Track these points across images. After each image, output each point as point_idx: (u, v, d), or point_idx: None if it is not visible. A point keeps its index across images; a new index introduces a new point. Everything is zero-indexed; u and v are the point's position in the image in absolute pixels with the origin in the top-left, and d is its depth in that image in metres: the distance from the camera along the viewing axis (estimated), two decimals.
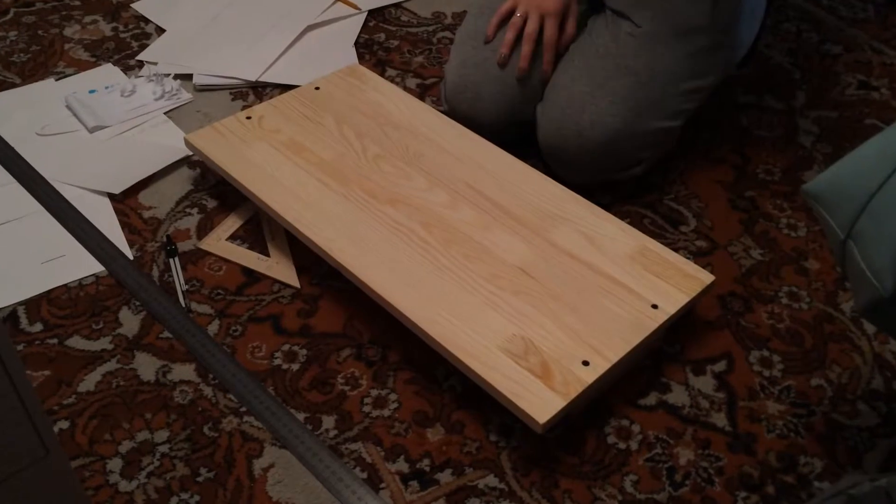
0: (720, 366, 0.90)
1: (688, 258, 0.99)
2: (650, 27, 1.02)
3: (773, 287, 0.98)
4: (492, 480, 0.79)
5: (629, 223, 1.02)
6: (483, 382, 0.80)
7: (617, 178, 1.07)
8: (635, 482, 0.79)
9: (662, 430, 0.84)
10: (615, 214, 1.00)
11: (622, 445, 0.82)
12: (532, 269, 0.90)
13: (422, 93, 1.27)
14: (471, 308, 0.86)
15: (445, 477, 0.79)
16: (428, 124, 1.09)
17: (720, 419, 0.85)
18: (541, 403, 0.77)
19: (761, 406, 0.86)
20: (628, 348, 0.82)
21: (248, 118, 1.10)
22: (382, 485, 0.79)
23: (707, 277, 0.89)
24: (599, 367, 0.81)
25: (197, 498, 0.77)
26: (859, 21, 1.46)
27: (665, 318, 0.85)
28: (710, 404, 0.86)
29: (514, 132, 1.12)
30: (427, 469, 0.80)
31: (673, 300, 0.87)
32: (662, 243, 0.95)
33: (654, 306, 0.86)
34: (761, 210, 1.09)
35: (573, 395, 0.78)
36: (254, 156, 1.04)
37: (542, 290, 0.88)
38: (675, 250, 0.99)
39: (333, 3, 1.45)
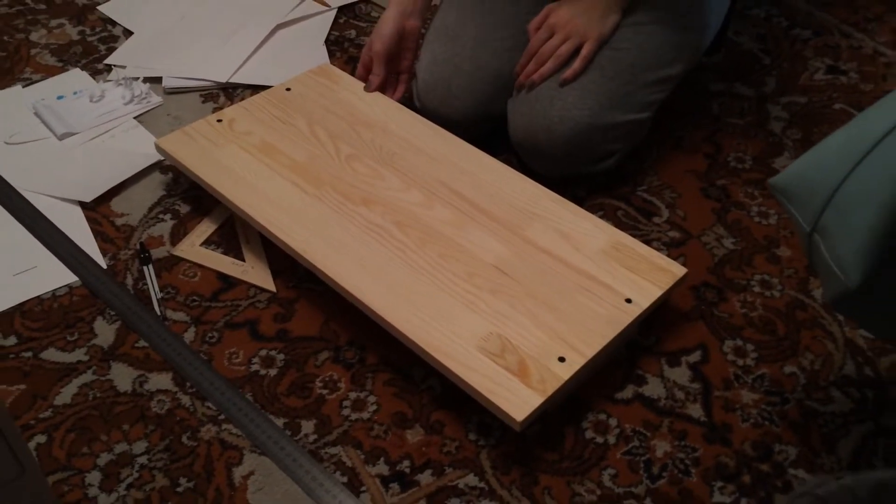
0: (695, 356, 0.91)
1: (661, 250, 1.00)
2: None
3: (745, 276, 0.99)
4: (472, 480, 0.80)
5: (603, 216, 1.03)
6: (461, 382, 0.81)
7: (589, 171, 1.07)
8: (613, 476, 0.80)
9: (639, 423, 0.84)
10: (589, 207, 1.00)
11: (600, 440, 0.83)
12: (508, 268, 0.90)
13: None
14: (447, 308, 0.86)
15: (426, 478, 0.80)
16: (400, 123, 1.09)
17: (696, 410, 0.86)
18: (518, 401, 0.78)
19: (736, 395, 0.87)
20: (603, 343, 0.83)
21: (219, 121, 1.09)
22: (363, 488, 0.79)
23: (679, 270, 0.90)
24: (575, 363, 0.81)
25: None
26: (828, 4, 1.47)
27: (639, 311, 0.86)
28: (685, 395, 0.87)
29: (487, 127, 1.12)
30: (407, 471, 0.80)
31: (646, 294, 0.88)
32: (636, 235, 0.96)
33: (628, 300, 0.87)
34: (733, 198, 1.09)
35: (550, 391, 0.79)
36: (225, 159, 1.03)
37: (518, 288, 0.88)
38: (649, 242, 1.00)
39: (303, 1, 1.44)
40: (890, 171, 0.61)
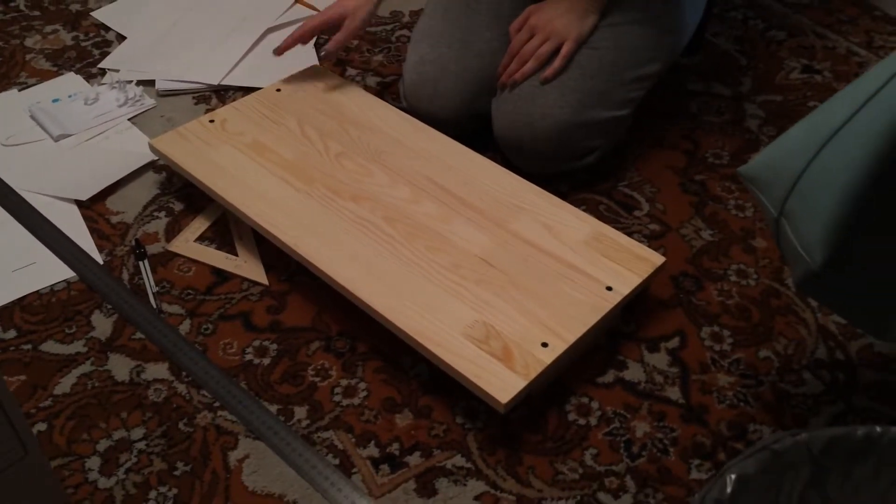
0: (673, 342, 0.94)
1: (641, 241, 1.04)
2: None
3: (722, 266, 1.03)
4: (459, 460, 0.83)
5: (585, 210, 1.06)
6: (447, 367, 0.84)
7: (572, 168, 1.11)
8: (595, 455, 0.83)
9: (620, 406, 0.88)
10: (572, 202, 1.04)
11: (582, 422, 0.86)
12: (493, 259, 0.93)
13: (382, 91, 1.30)
14: (434, 297, 0.89)
15: (415, 459, 0.83)
16: (388, 122, 1.12)
17: (674, 393, 0.89)
18: (502, 385, 0.81)
19: (712, 378, 0.90)
20: (584, 329, 0.86)
21: (212, 121, 1.12)
22: (354, 469, 0.82)
23: (658, 259, 0.93)
24: (557, 348, 0.84)
25: (175, 491, 0.80)
26: (803, 7, 1.52)
27: (619, 298, 0.89)
28: (664, 379, 0.90)
29: (472, 126, 1.16)
30: (397, 453, 0.83)
31: (626, 282, 0.91)
32: (617, 228, 0.99)
33: (609, 288, 0.90)
34: (711, 193, 1.13)
35: (533, 375, 0.82)
36: (218, 158, 1.06)
37: (503, 278, 0.91)
38: (630, 234, 1.04)
39: (293, 5, 1.48)
40: (848, 157, 0.65)
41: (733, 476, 0.54)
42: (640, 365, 0.92)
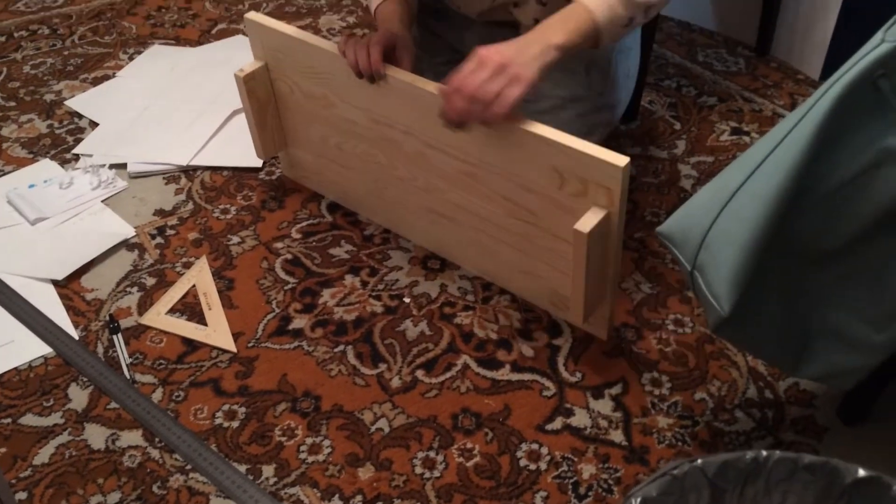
0: (616, 389, 1.01)
1: None
2: (537, 99, 1.16)
3: (661, 316, 1.11)
4: None
5: None
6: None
7: None
8: (545, 497, 0.89)
9: (567, 450, 0.94)
10: None
11: (532, 466, 0.92)
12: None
13: None
14: None
15: None
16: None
17: (617, 436, 0.96)
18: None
19: (653, 421, 0.97)
20: None
21: None
22: None
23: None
24: None
25: None
26: (732, 74, 1.64)
27: None
28: (608, 423, 0.97)
29: None
30: None
31: None
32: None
33: None
34: (649, 248, 1.22)
35: None
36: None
37: None
38: None
39: None
40: (743, 216, 0.74)
41: (638, 499, 0.60)
42: (585, 411, 0.99)
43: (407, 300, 1.13)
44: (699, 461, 0.59)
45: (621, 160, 0.90)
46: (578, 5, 0.95)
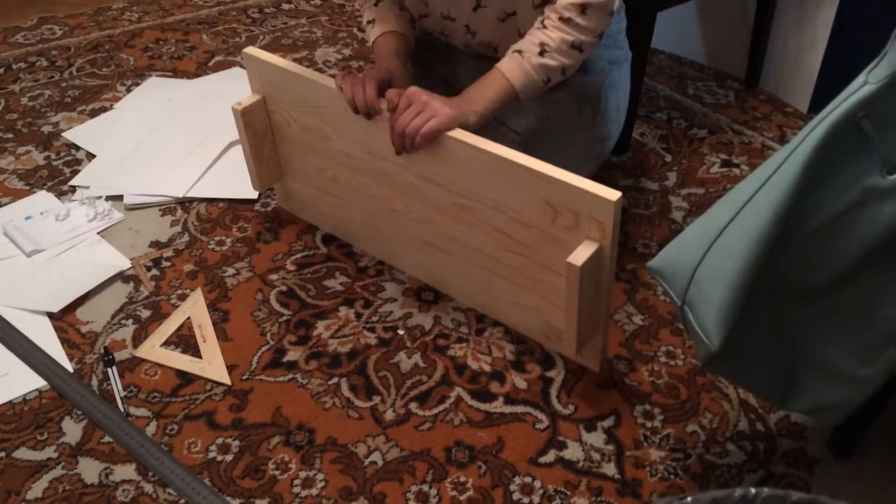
0: (609, 421, 1.02)
1: None
2: (528, 133, 1.18)
3: (652, 348, 1.12)
4: None
5: None
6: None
7: None
8: None
9: (560, 483, 0.95)
10: None
11: (526, 500, 0.93)
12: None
13: None
14: None
15: None
16: None
17: (610, 469, 0.96)
18: None
19: (645, 454, 0.98)
20: None
21: None
22: None
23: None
24: None
25: None
26: (721, 106, 1.66)
27: None
28: (601, 456, 0.98)
29: None
30: None
31: None
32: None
33: None
34: (641, 280, 1.23)
35: None
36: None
37: None
38: None
39: None
40: (732, 252, 0.75)
41: None
42: (578, 444, 0.99)
43: (401, 332, 1.14)
44: (689, 498, 0.60)
45: (613, 194, 0.91)
46: (497, 72, 1.05)
